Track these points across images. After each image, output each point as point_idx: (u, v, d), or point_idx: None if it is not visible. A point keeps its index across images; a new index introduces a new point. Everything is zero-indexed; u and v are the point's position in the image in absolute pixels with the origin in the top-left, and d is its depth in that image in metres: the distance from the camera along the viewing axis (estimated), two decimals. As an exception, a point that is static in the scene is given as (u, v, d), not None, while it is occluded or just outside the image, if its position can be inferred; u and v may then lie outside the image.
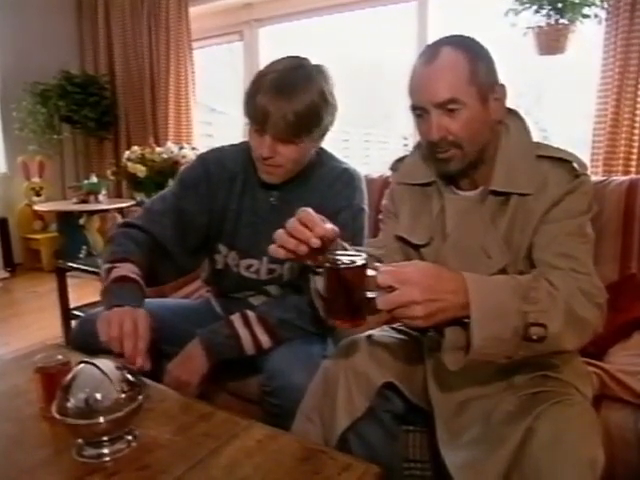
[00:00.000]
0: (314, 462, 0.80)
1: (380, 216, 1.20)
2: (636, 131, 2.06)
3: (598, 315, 0.86)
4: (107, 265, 1.16)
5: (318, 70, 1.17)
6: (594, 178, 1.76)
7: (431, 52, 0.94)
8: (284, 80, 1.12)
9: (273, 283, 1.33)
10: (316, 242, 0.81)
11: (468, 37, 0.97)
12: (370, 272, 0.76)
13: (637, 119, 2.05)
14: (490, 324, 0.79)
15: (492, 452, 0.85)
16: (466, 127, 0.93)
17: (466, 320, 0.80)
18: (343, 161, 1.34)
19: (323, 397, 0.99)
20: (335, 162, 1.32)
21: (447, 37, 0.97)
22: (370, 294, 0.76)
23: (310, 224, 0.82)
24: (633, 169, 2.07)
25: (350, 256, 0.77)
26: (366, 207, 1.29)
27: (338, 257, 0.76)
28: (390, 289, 0.75)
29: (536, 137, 1.01)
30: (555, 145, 1.00)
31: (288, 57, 1.18)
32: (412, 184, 1.09)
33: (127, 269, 1.14)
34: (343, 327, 0.80)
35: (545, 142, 1.02)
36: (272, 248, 0.85)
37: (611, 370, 1.14)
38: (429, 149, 0.98)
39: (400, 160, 1.16)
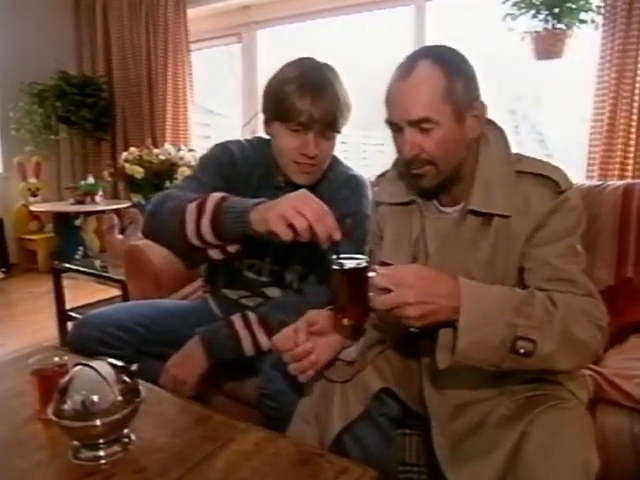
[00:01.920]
0: (311, 465, 0.80)
1: (370, 246, 1.17)
2: (632, 135, 2.06)
3: (599, 338, 0.85)
4: (190, 206, 1.06)
5: (330, 68, 1.22)
6: (590, 182, 1.76)
7: (407, 66, 0.91)
8: (316, 79, 1.16)
9: (273, 285, 1.32)
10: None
11: (449, 49, 0.94)
12: (371, 274, 0.81)
13: (633, 123, 2.06)
14: (477, 330, 0.80)
15: (487, 456, 0.85)
16: (440, 146, 0.90)
17: (457, 323, 0.81)
18: (350, 167, 1.35)
19: (320, 399, 0.99)
20: (342, 168, 1.33)
21: (426, 49, 0.95)
22: (371, 294, 0.82)
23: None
24: (629, 173, 2.08)
25: (354, 259, 0.86)
26: (370, 213, 1.29)
27: (343, 260, 0.85)
28: (386, 290, 0.79)
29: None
30: (537, 157, 0.97)
31: (300, 59, 1.21)
32: (392, 203, 1.07)
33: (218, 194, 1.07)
34: (350, 324, 0.88)
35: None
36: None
37: (607, 374, 1.14)
38: (404, 164, 0.97)
39: (382, 175, 1.15)
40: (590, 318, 0.84)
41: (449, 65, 0.90)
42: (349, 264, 0.84)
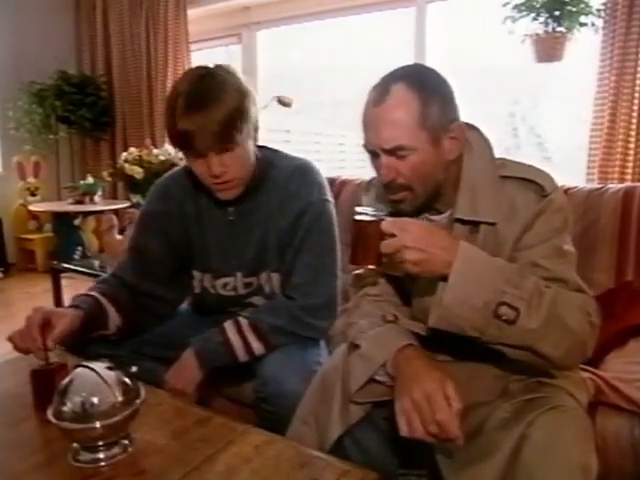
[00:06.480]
0: (312, 468, 0.80)
1: None
2: (632, 139, 2.07)
3: (588, 330, 0.84)
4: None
5: (224, 70, 1.14)
6: (590, 186, 1.77)
7: (381, 90, 0.90)
8: (196, 94, 1.09)
9: (255, 295, 1.32)
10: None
11: (425, 69, 0.93)
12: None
13: (633, 127, 2.06)
14: (464, 288, 0.81)
15: (487, 459, 0.85)
16: (416, 170, 0.90)
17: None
18: (296, 157, 1.29)
19: (320, 403, 0.99)
20: (285, 160, 1.27)
21: (402, 70, 0.93)
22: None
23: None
24: (629, 176, 2.09)
25: (372, 211, 0.88)
26: (329, 197, 1.26)
27: (361, 211, 0.88)
28: (392, 236, 0.82)
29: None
30: (519, 161, 0.97)
31: (193, 69, 1.16)
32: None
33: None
34: (364, 266, 0.98)
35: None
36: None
37: (607, 377, 1.14)
38: (384, 189, 0.97)
39: (370, 182, 1.13)
40: (582, 310, 0.84)
41: (424, 88, 0.89)
42: (365, 216, 0.87)
